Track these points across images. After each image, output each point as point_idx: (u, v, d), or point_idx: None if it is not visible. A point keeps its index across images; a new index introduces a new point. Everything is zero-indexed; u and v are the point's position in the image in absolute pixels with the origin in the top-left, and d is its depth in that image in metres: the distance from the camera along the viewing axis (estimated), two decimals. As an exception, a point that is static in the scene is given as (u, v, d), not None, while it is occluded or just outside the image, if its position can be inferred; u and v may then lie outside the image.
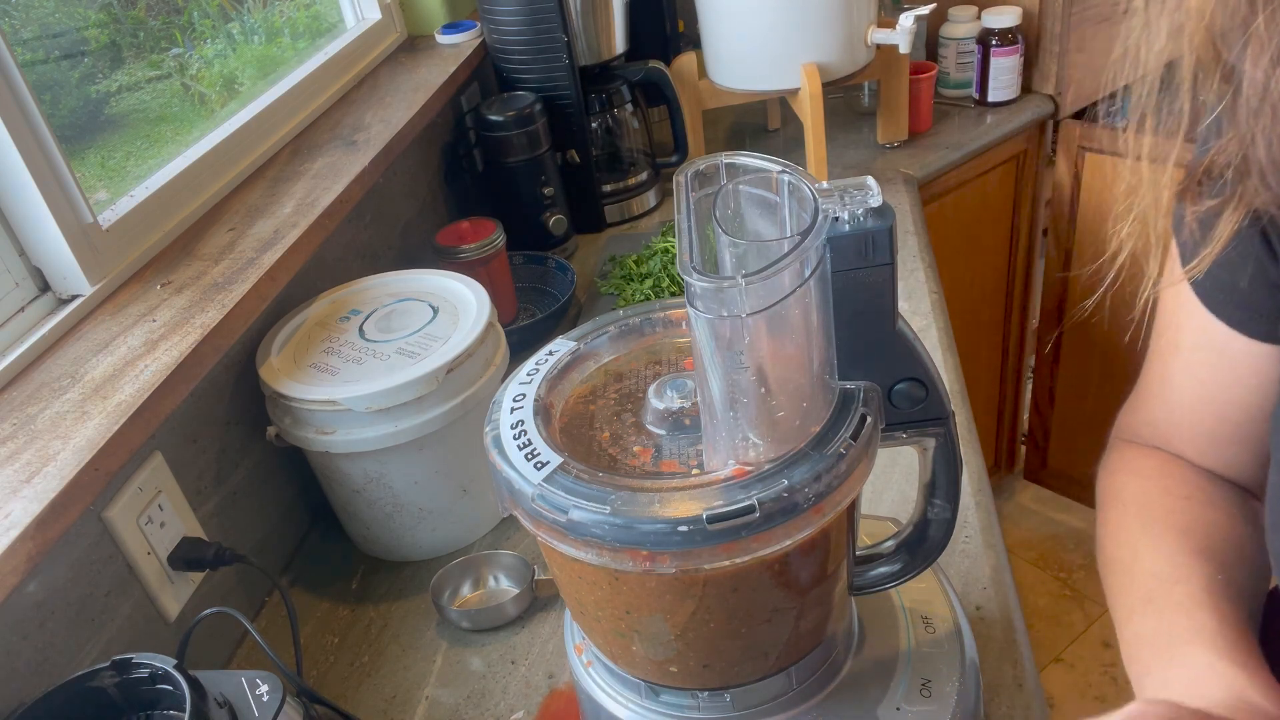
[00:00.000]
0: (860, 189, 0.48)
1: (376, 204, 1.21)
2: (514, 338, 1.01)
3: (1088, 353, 1.90)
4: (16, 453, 0.68)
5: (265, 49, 1.29)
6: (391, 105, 1.26)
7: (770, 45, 1.37)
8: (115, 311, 0.84)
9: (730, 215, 0.53)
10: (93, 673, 0.61)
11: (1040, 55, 1.67)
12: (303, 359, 0.88)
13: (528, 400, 0.55)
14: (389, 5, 1.50)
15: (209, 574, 0.84)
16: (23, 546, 0.61)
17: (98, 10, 1.01)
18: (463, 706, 0.79)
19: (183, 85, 1.13)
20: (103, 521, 0.73)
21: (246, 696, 0.60)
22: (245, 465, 0.92)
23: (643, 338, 0.61)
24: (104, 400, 0.72)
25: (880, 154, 1.58)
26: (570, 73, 1.37)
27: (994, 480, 2.20)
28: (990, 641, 0.74)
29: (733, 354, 0.46)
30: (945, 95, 1.71)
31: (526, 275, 1.31)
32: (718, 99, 1.52)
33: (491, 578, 0.90)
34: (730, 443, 0.49)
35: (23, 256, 0.83)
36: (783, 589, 0.52)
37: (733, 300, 0.44)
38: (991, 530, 0.84)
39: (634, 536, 0.46)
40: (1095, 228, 1.75)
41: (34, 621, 0.67)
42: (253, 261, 0.90)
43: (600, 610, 0.54)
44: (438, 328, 0.89)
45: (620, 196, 1.51)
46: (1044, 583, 2.07)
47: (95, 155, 0.99)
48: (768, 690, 0.59)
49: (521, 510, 0.50)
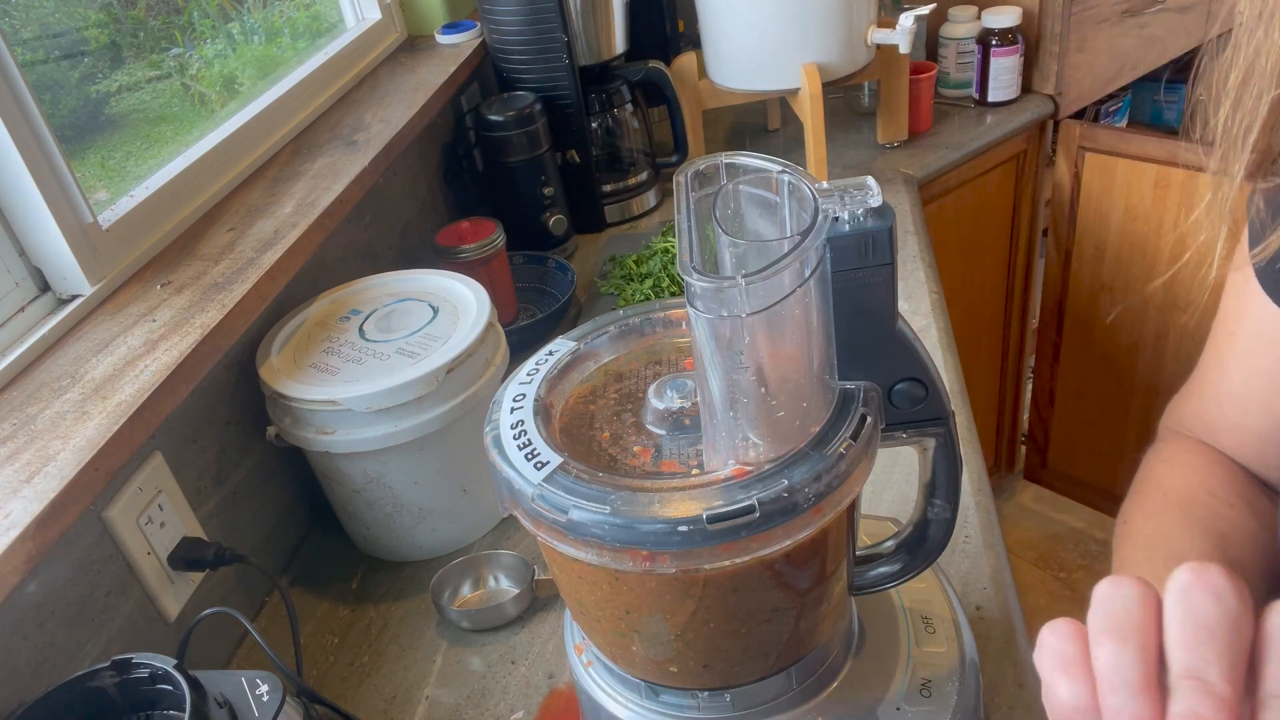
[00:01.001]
0: (860, 189, 0.48)
1: (376, 204, 1.21)
2: (514, 338, 1.01)
3: (1088, 353, 1.90)
4: (16, 453, 0.68)
5: (265, 49, 1.29)
6: (391, 105, 1.26)
7: (770, 45, 1.37)
8: (115, 311, 0.84)
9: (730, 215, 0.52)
10: (93, 673, 0.61)
11: (1040, 55, 1.67)
12: (303, 359, 0.88)
13: (528, 400, 0.55)
14: (389, 5, 1.50)
15: (209, 574, 0.84)
16: (23, 546, 0.61)
17: (98, 10, 1.01)
18: (463, 706, 0.79)
19: (183, 85, 1.13)
20: (103, 521, 0.73)
21: (246, 696, 0.60)
22: (245, 465, 0.92)
23: (643, 338, 0.61)
24: (104, 400, 0.72)
25: (880, 154, 1.58)
26: (570, 73, 1.37)
27: (994, 480, 2.20)
28: (990, 641, 0.74)
29: (733, 354, 0.46)
30: (945, 95, 1.71)
31: (526, 275, 1.31)
32: (718, 99, 1.52)
33: (491, 578, 0.90)
34: (730, 443, 0.49)
35: (23, 256, 0.83)
36: (783, 589, 0.52)
37: (733, 300, 0.44)
38: (991, 530, 0.84)
39: (634, 536, 0.46)
40: (1095, 228, 1.75)
41: (34, 621, 0.67)
42: (253, 261, 0.90)
43: (600, 610, 0.54)
44: (438, 328, 0.89)
45: (620, 196, 1.51)
46: (1044, 583, 2.07)
47: (95, 155, 0.99)
48: (768, 690, 0.59)
49: (521, 510, 0.50)
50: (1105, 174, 1.68)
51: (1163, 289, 1.69)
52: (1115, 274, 1.76)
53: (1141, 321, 1.76)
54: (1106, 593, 0.35)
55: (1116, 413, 1.90)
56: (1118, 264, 1.75)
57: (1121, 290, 1.76)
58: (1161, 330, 1.75)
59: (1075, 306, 1.86)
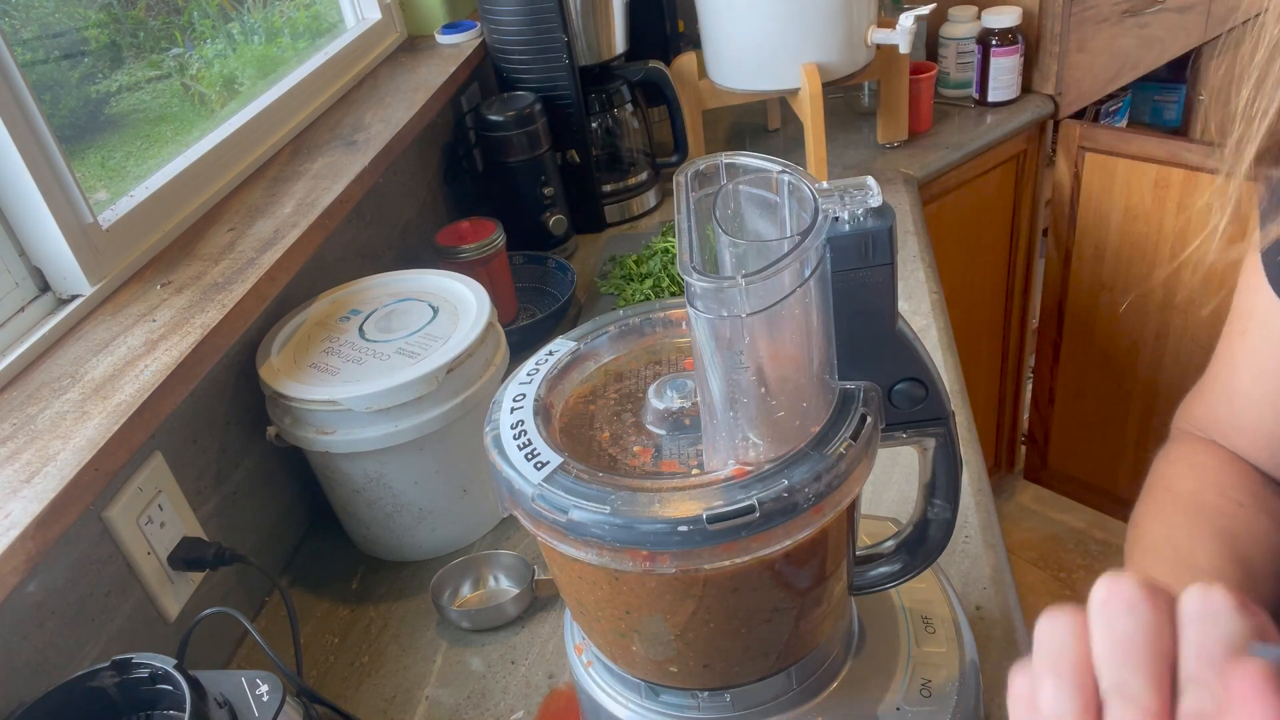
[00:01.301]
0: (860, 189, 0.48)
1: (376, 204, 1.21)
2: (514, 338, 1.01)
3: (1088, 353, 1.90)
4: (16, 453, 0.68)
5: (265, 49, 1.29)
6: (391, 105, 1.26)
7: (770, 45, 1.37)
8: (115, 311, 0.84)
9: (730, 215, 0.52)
10: (93, 673, 0.61)
11: (1040, 55, 1.67)
12: (303, 359, 0.88)
13: (528, 400, 0.55)
14: (389, 5, 1.50)
15: (209, 574, 0.84)
16: (23, 546, 0.61)
17: (98, 10, 1.01)
18: (463, 706, 0.79)
19: (183, 85, 1.13)
20: (103, 521, 0.73)
21: (246, 696, 0.60)
22: (245, 465, 0.92)
23: (643, 338, 0.61)
24: (104, 400, 0.72)
25: (880, 154, 1.58)
26: (570, 73, 1.37)
27: (994, 480, 2.20)
28: (990, 641, 0.74)
29: (733, 354, 0.46)
30: (945, 95, 1.71)
31: (526, 275, 1.31)
32: (718, 99, 1.52)
33: (491, 578, 0.90)
34: (730, 443, 0.49)
35: (23, 256, 0.83)
36: (783, 589, 0.52)
37: (733, 300, 0.44)
38: (991, 530, 0.84)
39: (634, 536, 0.46)
40: (1095, 228, 1.75)
41: (34, 621, 0.67)
42: (253, 261, 0.90)
43: (600, 610, 0.54)
44: (438, 328, 0.89)
45: (620, 196, 1.51)
46: (1044, 583, 2.07)
47: (95, 155, 0.99)
48: (768, 690, 0.59)
49: (521, 510, 0.50)
50: (1105, 174, 1.68)
51: (1163, 288, 1.69)
52: (1115, 274, 1.76)
53: (1141, 321, 1.76)
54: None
55: (1116, 413, 1.90)
56: (1118, 264, 1.75)
57: (1122, 290, 1.76)
58: (1161, 330, 1.75)
59: (1075, 306, 1.86)
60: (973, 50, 1.65)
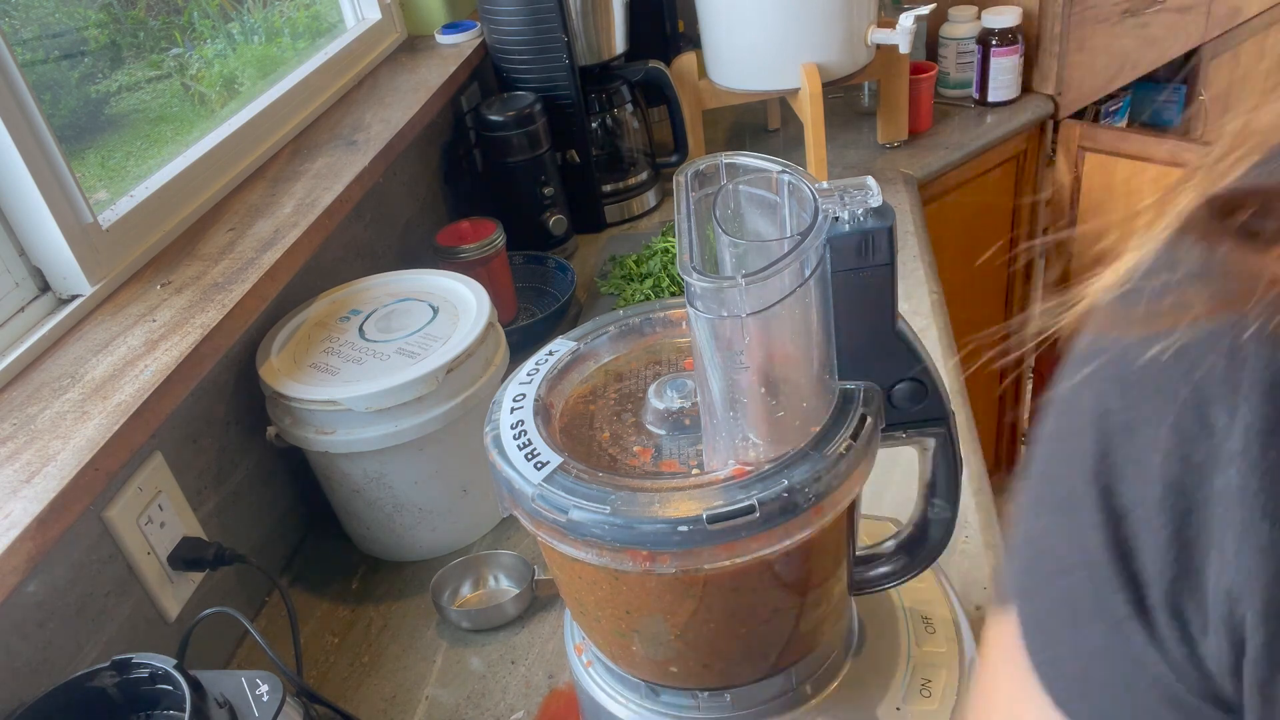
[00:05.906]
0: (860, 189, 0.48)
1: (376, 204, 1.21)
2: (514, 338, 1.01)
3: (1088, 353, 1.90)
4: (16, 453, 0.68)
5: (265, 49, 1.29)
6: (391, 105, 1.26)
7: (770, 45, 1.37)
8: (115, 311, 0.84)
9: (730, 215, 0.53)
10: (93, 673, 0.61)
11: (1040, 55, 1.67)
12: (303, 359, 0.88)
13: (528, 400, 0.55)
14: (389, 5, 1.50)
15: (209, 574, 0.84)
16: (23, 546, 0.61)
17: (98, 10, 1.01)
18: (463, 706, 0.79)
19: (183, 85, 1.13)
20: (103, 521, 0.73)
21: (246, 696, 0.60)
22: (245, 465, 0.92)
23: (643, 338, 0.61)
24: (104, 400, 0.72)
25: (880, 154, 1.58)
26: (570, 73, 1.37)
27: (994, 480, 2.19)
28: (990, 641, 0.74)
29: (733, 354, 0.46)
30: (945, 95, 1.71)
31: (526, 275, 1.31)
32: (718, 99, 1.52)
33: (491, 578, 0.90)
34: (730, 443, 0.49)
35: (23, 256, 0.83)
36: (783, 589, 0.52)
37: (733, 300, 0.44)
38: (991, 530, 0.84)
39: (634, 536, 0.46)
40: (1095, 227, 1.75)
41: (34, 621, 0.67)
42: (253, 261, 0.90)
43: (600, 610, 0.54)
44: (438, 328, 0.89)
45: (620, 196, 1.51)
46: (1044, 583, 2.07)
47: (95, 155, 0.99)
48: (768, 690, 0.59)
49: (521, 510, 0.50)
50: (1105, 174, 1.68)
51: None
52: (1115, 274, 1.76)
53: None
54: None
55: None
56: (1117, 264, 1.74)
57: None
58: (1161, 330, 1.74)
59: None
60: (973, 50, 1.65)
